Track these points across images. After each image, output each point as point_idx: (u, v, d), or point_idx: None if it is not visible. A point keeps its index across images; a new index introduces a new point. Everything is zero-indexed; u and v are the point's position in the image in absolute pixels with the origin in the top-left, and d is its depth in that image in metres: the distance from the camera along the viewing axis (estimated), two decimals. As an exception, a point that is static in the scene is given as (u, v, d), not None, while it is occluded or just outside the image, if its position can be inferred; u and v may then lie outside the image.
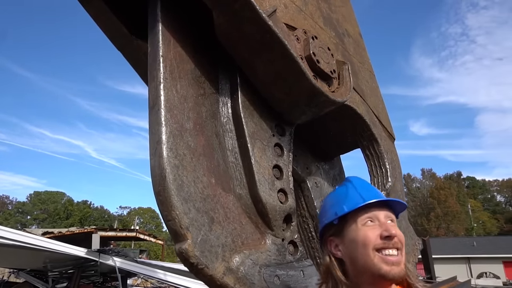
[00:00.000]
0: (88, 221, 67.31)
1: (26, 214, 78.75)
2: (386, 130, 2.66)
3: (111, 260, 8.52)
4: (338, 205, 1.27)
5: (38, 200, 79.50)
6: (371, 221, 1.19)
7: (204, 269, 1.43)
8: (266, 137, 1.86)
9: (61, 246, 8.36)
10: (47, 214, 75.32)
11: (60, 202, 78.82)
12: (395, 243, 1.15)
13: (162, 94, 1.57)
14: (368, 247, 1.15)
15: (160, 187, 1.45)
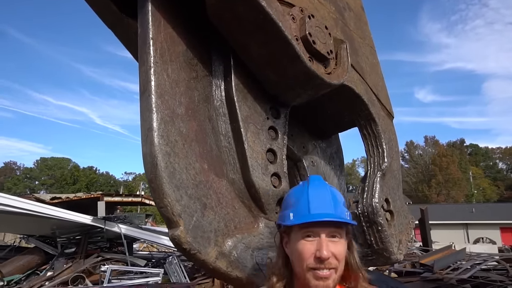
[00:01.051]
0: (94, 187, 68.66)
1: (34, 179, 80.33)
2: (385, 108, 2.62)
3: (116, 227, 8.77)
4: (289, 209, 1.26)
5: (45, 166, 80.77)
6: (311, 236, 1.18)
7: (197, 254, 1.46)
8: (260, 120, 1.83)
9: (68, 214, 8.59)
10: (54, 180, 76.80)
11: (67, 168, 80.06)
12: (327, 264, 1.16)
13: (153, 79, 1.53)
14: (303, 263, 1.18)
15: (152, 174, 1.46)
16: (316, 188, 1.27)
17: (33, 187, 76.71)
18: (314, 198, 1.23)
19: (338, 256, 1.18)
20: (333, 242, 1.18)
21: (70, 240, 9.50)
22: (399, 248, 2.20)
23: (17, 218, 8.49)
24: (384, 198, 2.26)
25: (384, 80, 2.76)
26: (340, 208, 1.24)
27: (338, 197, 1.27)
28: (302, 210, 1.22)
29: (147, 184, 1.55)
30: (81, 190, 57.11)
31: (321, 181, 1.32)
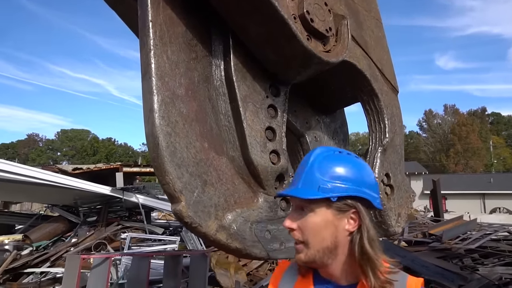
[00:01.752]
0: (114, 158, 70.49)
1: (56, 150, 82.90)
2: (389, 83, 2.61)
3: (134, 197, 9.12)
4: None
5: (66, 137, 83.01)
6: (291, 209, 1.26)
7: (198, 227, 1.57)
8: (259, 99, 1.88)
9: (88, 185, 8.96)
10: (75, 151, 79.11)
11: (86, 139, 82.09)
12: (293, 235, 1.20)
13: (153, 61, 1.58)
14: None
15: (154, 154, 1.55)
16: (304, 159, 1.27)
17: (55, 158, 79.34)
18: (297, 172, 1.26)
19: (304, 229, 1.17)
20: (301, 216, 1.19)
21: (91, 209, 9.96)
22: (398, 221, 2.27)
23: (42, 189, 8.92)
24: (385, 173, 2.31)
25: (389, 54, 2.73)
26: (311, 180, 1.18)
27: (321, 167, 1.19)
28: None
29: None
30: (101, 160, 58.79)
31: (309, 155, 1.26)
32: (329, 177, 1.18)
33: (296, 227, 1.18)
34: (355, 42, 2.29)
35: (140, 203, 9.01)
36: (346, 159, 1.24)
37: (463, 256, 5.92)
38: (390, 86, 2.61)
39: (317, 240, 1.16)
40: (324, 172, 1.18)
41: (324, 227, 1.16)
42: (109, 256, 6.12)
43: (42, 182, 8.40)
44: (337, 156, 1.23)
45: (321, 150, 1.26)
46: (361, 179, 1.20)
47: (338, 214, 1.17)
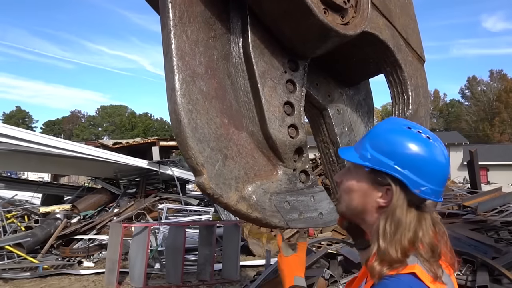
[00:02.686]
0: (151, 132, 72.94)
1: (97, 126, 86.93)
2: (415, 52, 2.54)
3: (169, 170, 9.53)
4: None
5: (105, 113, 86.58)
6: None
7: (220, 198, 1.68)
8: (277, 75, 1.91)
9: (127, 159, 9.46)
10: (114, 126, 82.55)
11: (124, 114, 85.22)
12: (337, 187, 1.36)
13: (173, 42, 1.66)
14: None
15: (177, 130, 1.65)
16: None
17: (97, 133, 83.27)
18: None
19: (341, 185, 1.32)
20: (345, 172, 1.33)
21: (130, 181, 10.54)
22: (420, 192, 2.28)
23: (86, 163, 9.55)
24: (407, 145, 2.30)
25: (416, 21, 2.63)
26: (359, 146, 1.27)
27: (369, 135, 1.26)
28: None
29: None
30: (138, 135, 61.06)
31: (383, 120, 1.30)
32: (374, 147, 1.18)
33: (339, 181, 1.33)
34: (377, 12, 2.23)
35: (175, 176, 9.42)
36: (407, 135, 1.15)
37: (499, 229, 5.75)
38: (415, 55, 2.54)
39: (347, 197, 1.28)
40: (373, 141, 1.21)
41: (355, 190, 1.24)
42: (148, 225, 6.55)
43: (86, 157, 8.98)
44: (399, 131, 1.17)
45: (391, 120, 1.27)
46: (411, 161, 1.12)
47: (372, 184, 1.18)
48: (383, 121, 1.28)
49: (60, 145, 8.83)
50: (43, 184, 12.16)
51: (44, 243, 7.74)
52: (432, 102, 73.23)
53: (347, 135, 2.55)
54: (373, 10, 2.16)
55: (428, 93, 2.58)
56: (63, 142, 9.30)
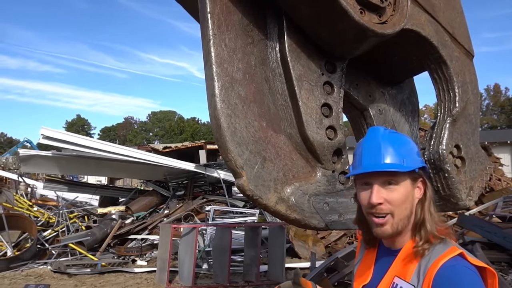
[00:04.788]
0: (198, 136, 75.09)
1: (148, 131, 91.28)
2: (463, 47, 2.42)
3: (216, 173, 9.78)
4: (352, 162, 1.40)
5: (156, 119, 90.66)
6: (367, 185, 1.29)
7: (259, 200, 1.73)
8: (314, 77, 1.93)
9: (175, 162, 9.86)
10: (164, 131, 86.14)
11: (173, 120, 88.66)
12: (380, 209, 1.25)
13: (212, 50, 1.74)
14: (364, 210, 1.33)
15: (217, 134, 1.73)
16: (368, 140, 1.35)
17: (148, 138, 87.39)
18: (366, 150, 1.32)
19: (392, 202, 1.25)
20: (387, 189, 1.26)
21: (179, 184, 10.96)
22: (469, 195, 2.17)
23: (139, 166, 10.09)
24: (454, 144, 2.20)
25: (463, 15, 2.50)
26: (394, 155, 1.27)
27: (395, 143, 1.30)
28: (357, 163, 1.34)
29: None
30: (187, 139, 63.17)
31: (374, 133, 1.36)
32: (405, 152, 1.30)
33: (383, 201, 1.25)
34: (419, 7, 2.16)
35: (221, 178, 9.64)
36: (400, 135, 1.39)
37: None
38: (463, 50, 2.42)
39: (401, 209, 1.26)
40: (400, 148, 1.30)
41: (406, 197, 1.27)
42: (196, 226, 6.78)
43: (138, 161, 9.50)
44: (394, 134, 1.37)
45: (380, 130, 1.37)
46: (417, 151, 1.36)
47: (413, 184, 1.29)
48: (379, 133, 1.35)
49: (115, 150, 9.44)
50: (100, 187, 13.03)
51: (101, 242, 8.30)
52: (492, 98, 68.06)
53: (390, 135, 2.49)
54: (414, 6, 2.10)
55: (477, 89, 2.45)
56: (118, 147, 9.94)
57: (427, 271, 1.19)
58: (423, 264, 1.22)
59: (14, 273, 7.07)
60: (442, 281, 1.15)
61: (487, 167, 2.33)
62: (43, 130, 8.57)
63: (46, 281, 6.61)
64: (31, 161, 10.09)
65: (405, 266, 1.27)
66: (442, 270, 1.16)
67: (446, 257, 1.19)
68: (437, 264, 1.19)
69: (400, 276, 1.26)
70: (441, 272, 1.16)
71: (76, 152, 9.73)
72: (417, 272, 1.22)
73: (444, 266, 1.17)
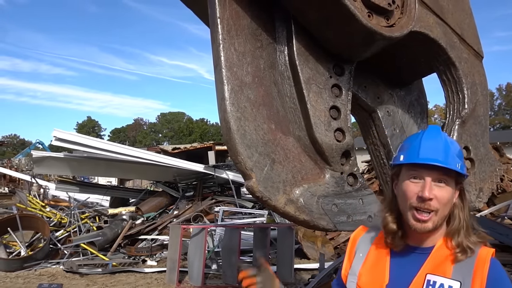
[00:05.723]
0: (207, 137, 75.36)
1: (157, 132, 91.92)
2: (472, 48, 2.42)
3: (224, 174, 9.83)
4: (401, 151, 1.36)
5: (165, 120, 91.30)
6: (416, 178, 1.26)
7: (268, 201, 1.76)
8: (322, 80, 1.95)
9: (184, 163, 9.93)
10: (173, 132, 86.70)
11: (182, 121, 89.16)
12: (427, 204, 1.24)
13: (222, 55, 1.78)
14: (406, 202, 1.28)
15: (227, 137, 1.76)
16: (430, 135, 1.34)
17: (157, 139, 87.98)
18: (426, 144, 1.30)
19: (441, 200, 1.24)
20: (438, 187, 1.25)
21: (188, 185, 11.03)
22: (479, 196, 2.17)
23: (148, 167, 10.18)
24: (463, 146, 2.20)
25: (472, 16, 2.50)
26: (452, 157, 1.27)
27: (452, 147, 1.31)
28: (412, 153, 1.30)
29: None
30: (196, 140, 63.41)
31: (438, 130, 1.36)
32: (460, 155, 1.32)
33: (433, 197, 1.24)
34: (427, 9, 2.18)
35: (230, 179, 9.68)
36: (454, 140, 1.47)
37: None
38: (472, 52, 2.42)
39: (445, 209, 1.27)
40: (456, 151, 1.31)
41: (452, 198, 1.28)
42: (205, 227, 6.83)
43: (148, 162, 9.59)
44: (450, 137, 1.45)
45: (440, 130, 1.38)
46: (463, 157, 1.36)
47: (455, 187, 1.30)
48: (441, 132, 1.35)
49: (125, 152, 9.55)
50: (111, 188, 13.19)
51: (112, 242, 8.40)
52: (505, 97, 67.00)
53: (398, 136, 2.50)
54: (422, 9, 2.12)
55: (487, 91, 2.45)
56: (127, 148, 10.05)
57: (474, 269, 1.22)
58: (463, 263, 1.24)
59: (28, 272, 7.20)
60: (497, 278, 1.20)
61: (497, 169, 2.32)
62: (55, 132, 8.71)
63: (58, 281, 6.72)
64: (43, 162, 10.26)
65: (440, 264, 1.27)
66: (493, 268, 1.21)
67: (488, 255, 1.23)
68: (484, 262, 1.22)
69: (436, 273, 1.26)
70: (493, 270, 1.20)
71: (87, 154, 9.87)
72: (458, 269, 1.24)
73: (493, 265, 1.21)
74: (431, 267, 1.28)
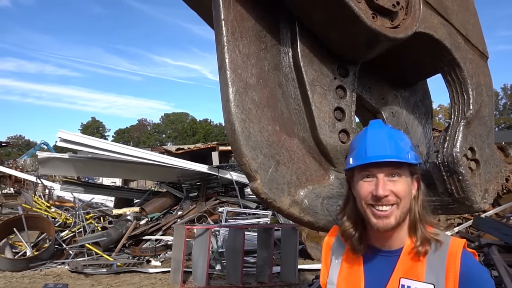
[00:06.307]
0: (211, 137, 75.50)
1: (161, 133, 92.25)
2: (477, 49, 2.41)
3: (228, 174, 9.85)
4: (350, 154, 1.35)
5: (169, 120, 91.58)
6: (369, 177, 1.24)
7: (273, 202, 1.76)
8: (327, 82, 1.96)
9: (188, 164, 9.95)
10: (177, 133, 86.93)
11: (186, 121, 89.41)
12: (387, 201, 1.21)
13: (226, 57, 1.78)
14: (362, 201, 1.26)
15: (231, 138, 1.77)
16: (373, 131, 1.32)
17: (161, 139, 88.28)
18: (371, 141, 1.28)
19: (399, 193, 1.22)
20: (392, 181, 1.22)
21: (192, 185, 11.05)
22: (484, 198, 2.16)
23: (152, 168, 10.22)
24: (468, 147, 2.19)
25: (477, 16, 2.49)
26: (399, 148, 1.25)
27: (398, 137, 1.29)
28: (360, 153, 1.28)
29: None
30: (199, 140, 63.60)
31: (379, 124, 1.35)
32: (408, 145, 1.30)
33: (389, 193, 1.21)
34: (432, 10, 2.17)
35: (234, 180, 9.70)
36: (398, 130, 1.41)
37: None
38: (477, 52, 2.41)
39: (405, 201, 1.24)
40: (403, 142, 1.30)
41: (409, 190, 1.26)
42: (209, 227, 6.84)
43: (152, 162, 9.63)
44: (394, 129, 1.38)
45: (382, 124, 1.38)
46: (412, 146, 1.34)
47: (411, 179, 1.28)
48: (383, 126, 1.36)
49: (129, 152, 9.59)
50: (115, 188, 13.25)
51: (117, 243, 8.44)
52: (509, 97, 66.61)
53: (403, 138, 2.50)
54: (426, 9, 2.11)
55: (492, 91, 2.44)
56: (132, 149, 10.09)
57: (446, 267, 1.19)
58: (435, 261, 1.21)
59: (33, 272, 7.25)
60: (469, 275, 1.17)
61: (502, 170, 2.31)
62: (60, 133, 8.77)
63: (64, 281, 6.76)
64: (48, 163, 10.33)
65: (411, 266, 1.24)
66: (465, 263, 1.18)
67: (459, 250, 1.21)
68: (454, 258, 1.19)
69: (409, 277, 1.22)
70: (465, 266, 1.18)
71: (92, 154, 9.92)
72: (430, 270, 1.20)
73: (464, 261, 1.18)
74: (403, 271, 1.24)
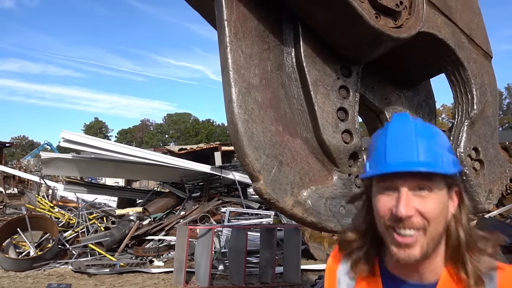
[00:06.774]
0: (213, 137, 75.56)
1: (164, 133, 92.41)
2: (481, 48, 2.40)
3: (231, 175, 9.85)
4: (367, 159, 1.06)
5: (171, 121, 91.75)
6: (389, 190, 0.94)
7: (276, 203, 1.76)
8: (330, 82, 1.95)
9: (191, 164, 9.96)
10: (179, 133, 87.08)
11: (188, 121, 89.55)
12: (411, 223, 0.91)
13: (229, 57, 1.78)
14: (380, 221, 0.96)
15: (234, 139, 1.77)
16: (397, 128, 0.98)
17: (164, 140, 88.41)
18: (392, 142, 0.97)
19: (426, 214, 0.91)
20: (419, 197, 0.91)
21: (195, 186, 11.07)
22: (488, 198, 2.15)
23: (155, 168, 10.24)
24: (472, 147, 2.18)
25: (481, 16, 2.48)
26: (431, 151, 0.93)
27: (430, 136, 0.96)
28: (378, 158, 0.97)
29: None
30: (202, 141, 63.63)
31: (405, 118, 1.00)
32: (444, 147, 0.97)
33: (414, 212, 0.91)
34: (435, 10, 2.16)
35: (236, 180, 9.70)
36: (432, 126, 1.04)
37: None
38: (481, 52, 2.40)
39: (436, 225, 0.93)
40: (437, 142, 0.96)
41: (443, 209, 0.94)
42: (212, 227, 6.84)
43: (154, 163, 9.65)
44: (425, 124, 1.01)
45: (409, 118, 1.00)
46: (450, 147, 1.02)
47: (448, 192, 0.96)
48: (412, 121, 0.99)
49: (132, 153, 9.61)
50: (118, 189, 13.27)
51: (120, 243, 8.45)
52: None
53: (406, 138, 2.49)
54: (430, 9, 2.10)
55: (496, 91, 2.43)
56: (134, 149, 10.12)
57: None
58: None
59: (37, 272, 7.27)
60: None
61: (506, 170, 2.30)
62: (63, 134, 8.79)
63: (67, 281, 6.78)
64: (52, 163, 10.36)
65: None
66: None
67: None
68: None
69: None
70: None
71: (95, 155, 9.95)
72: None
73: None
74: None
